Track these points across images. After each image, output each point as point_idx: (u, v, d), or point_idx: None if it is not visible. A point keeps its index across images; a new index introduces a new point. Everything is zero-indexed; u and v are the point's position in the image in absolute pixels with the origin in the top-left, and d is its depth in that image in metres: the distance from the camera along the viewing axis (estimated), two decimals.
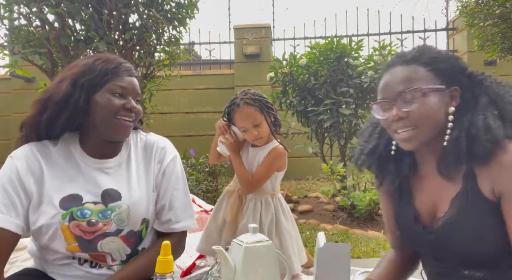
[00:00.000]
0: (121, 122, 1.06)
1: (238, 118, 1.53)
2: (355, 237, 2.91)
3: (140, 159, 1.18)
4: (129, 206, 1.09)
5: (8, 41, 3.44)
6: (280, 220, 1.59)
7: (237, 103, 1.52)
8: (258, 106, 1.51)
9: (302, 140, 4.43)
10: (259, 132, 1.53)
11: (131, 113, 1.08)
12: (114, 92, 1.07)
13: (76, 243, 1.05)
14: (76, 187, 1.07)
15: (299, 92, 4.22)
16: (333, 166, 3.62)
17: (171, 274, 0.79)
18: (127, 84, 1.09)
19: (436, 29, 6.77)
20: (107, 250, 1.09)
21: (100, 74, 1.07)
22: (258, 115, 1.52)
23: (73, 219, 1.03)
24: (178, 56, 4.06)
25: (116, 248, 1.10)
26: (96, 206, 1.07)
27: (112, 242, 1.08)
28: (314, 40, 6.03)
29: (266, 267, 1.05)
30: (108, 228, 1.07)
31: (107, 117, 1.05)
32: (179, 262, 1.77)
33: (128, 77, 1.11)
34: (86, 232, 1.05)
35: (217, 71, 6.99)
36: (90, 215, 1.05)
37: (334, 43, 3.92)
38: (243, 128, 1.54)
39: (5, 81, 6.72)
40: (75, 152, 1.10)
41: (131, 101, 1.08)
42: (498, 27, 4.20)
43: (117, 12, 3.13)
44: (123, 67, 1.11)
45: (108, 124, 1.06)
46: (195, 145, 5.40)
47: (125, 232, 1.10)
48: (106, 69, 1.08)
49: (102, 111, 1.05)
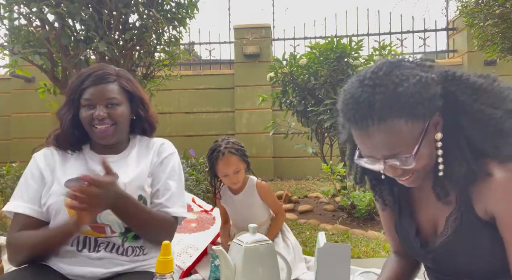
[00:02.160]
0: (97, 130, 1.21)
1: (222, 165, 1.70)
2: (355, 237, 2.91)
3: (141, 153, 1.33)
4: (125, 183, 1.21)
5: (8, 41, 3.44)
6: (287, 235, 1.84)
7: (222, 151, 1.69)
8: (240, 155, 1.71)
9: (302, 140, 4.43)
10: (237, 177, 1.73)
11: (101, 120, 1.20)
12: (84, 105, 1.23)
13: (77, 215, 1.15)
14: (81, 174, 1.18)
15: (299, 92, 4.22)
16: (333, 166, 3.62)
17: (171, 274, 0.79)
18: (90, 95, 1.22)
19: (436, 29, 6.76)
20: (106, 222, 1.19)
21: (73, 93, 1.24)
22: (239, 163, 1.72)
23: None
24: (178, 56, 4.06)
25: (114, 220, 1.18)
26: None
27: (110, 215, 1.17)
28: (314, 40, 6.04)
29: (266, 267, 1.05)
30: None
31: (87, 127, 1.23)
32: (179, 262, 1.77)
33: (93, 87, 1.22)
34: None
35: (217, 71, 6.99)
36: None
37: (334, 43, 3.92)
38: (225, 174, 1.72)
39: (5, 81, 6.71)
40: (85, 153, 1.29)
41: (97, 109, 1.20)
42: (498, 27, 4.20)
43: (117, 12, 3.13)
44: (90, 77, 1.23)
45: (90, 133, 1.24)
46: (195, 145, 5.40)
47: None
48: (76, 86, 1.24)
49: (83, 122, 1.23)
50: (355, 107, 0.81)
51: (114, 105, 1.23)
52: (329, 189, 3.71)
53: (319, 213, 3.75)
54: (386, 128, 0.78)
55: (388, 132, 0.79)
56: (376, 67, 0.84)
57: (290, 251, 1.78)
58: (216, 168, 1.73)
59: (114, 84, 1.25)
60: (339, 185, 3.83)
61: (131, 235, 1.23)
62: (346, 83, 0.92)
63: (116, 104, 1.23)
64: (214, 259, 1.65)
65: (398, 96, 0.77)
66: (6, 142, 6.55)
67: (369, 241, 2.79)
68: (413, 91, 0.77)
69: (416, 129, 0.80)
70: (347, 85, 0.88)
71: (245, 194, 1.79)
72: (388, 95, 0.78)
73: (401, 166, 0.83)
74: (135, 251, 1.23)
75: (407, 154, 0.80)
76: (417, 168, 0.83)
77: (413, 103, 0.77)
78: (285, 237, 1.87)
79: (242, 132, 6.43)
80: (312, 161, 5.38)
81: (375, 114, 0.78)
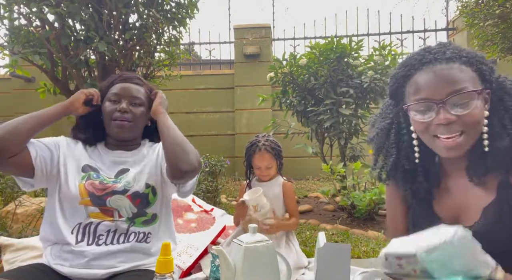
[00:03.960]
0: (116, 123, 1.31)
1: (257, 159, 1.90)
2: (355, 237, 2.91)
3: (149, 151, 1.42)
4: (134, 173, 1.32)
5: (8, 41, 3.44)
6: (289, 237, 1.91)
7: (260, 147, 1.88)
8: (274, 154, 1.90)
9: (302, 140, 4.43)
10: (268, 172, 1.93)
11: (123, 114, 1.31)
12: (111, 99, 1.34)
13: (89, 198, 1.24)
14: (96, 165, 1.33)
15: (299, 92, 4.21)
16: (333, 166, 3.62)
17: (171, 274, 0.79)
18: (117, 90, 1.34)
19: (436, 29, 6.76)
20: (115, 206, 1.26)
21: (103, 88, 1.38)
22: (272, 161, 1.91)
23: (89, 179, 1.27)
24: (178, 56, 4.06)
25: (123, 205, 1.27)
26: (109, 178, 1.31)
27: (119, 200, 1.26)
28: (314, 40, 6.05)
29: (266, 267, 1.05)
30: (116, 187, 1.27)
31: (107, 120, 1.33)
32: (179, 262, 1.76)
33: (122, 83, 1.36)
34: (98, 189, 1.26)
35: (217, 71, 6.99)
36: (103, 179, 1.29)
37: (334, 43, 3.91)
38: (258, 167, 1.91)
39: (5, 81, 6.72)
40: (100, 149, 1.39)
41: (122, 103, 1.32)
42: (498, 27, 4.20)
43: (117, 12, 3.13)
44: (120, 77, 1.38)
45: (108, 126, 1.34)
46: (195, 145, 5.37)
47: (131, 192, 1.28)
48: (107, 82, 1.39)
49: (104, 115, 1.34)
50: (423, 54, 0.88)
51: (137, 105, 1.35)
52: (329, 189, 3.71)
53: (319, 213, 3.75)
54: (454, 67, 0.84)
55: (457, 70, 0.84)
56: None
57: (292, 256, 1.79)
58: (252, 160, 1.92)
59: (140, 87, 1.39)
60: (339, 185, 3.82)
61: (140, 220, 1.28)
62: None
63: (138, 104, 1.35)
64: (214, 259, 1.65)
65: (468, 51, 0.86)
66: None
67: (369, 241, 2.79)
68: (479, 55, 0.87)
69: (477, 81, 0.84)
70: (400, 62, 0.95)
71: (270, 184, 1.95)
72: (458, 49, 0.87)
73: (460, 108, 0.82)
74: (137, 236, 1.26)
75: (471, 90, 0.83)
76: (470, 121, 0.83)
77: (479, 62, 0.85)
78: (289, 240, 1.88)
79: (242, 132, 6.43)
80: (312, 161, 5.38)
81: (446, 56, 0.85)
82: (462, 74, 0.83)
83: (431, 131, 0.86)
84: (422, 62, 0.87)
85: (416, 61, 0.88)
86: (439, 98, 0.83)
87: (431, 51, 0.88)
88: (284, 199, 1.94)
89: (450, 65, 0.84)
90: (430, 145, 0.90)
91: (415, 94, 0.88)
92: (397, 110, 0.97)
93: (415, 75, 0.88)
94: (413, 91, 0.88)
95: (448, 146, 0.85)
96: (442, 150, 0.87)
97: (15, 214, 2.55)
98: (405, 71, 0.90)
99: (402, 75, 0.90)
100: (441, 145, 0.86)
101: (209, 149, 5.50)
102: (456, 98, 0.82)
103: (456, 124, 0.83)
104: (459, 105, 0.83)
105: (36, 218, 2.50)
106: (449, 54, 0.85)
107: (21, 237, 2.08)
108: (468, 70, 0.84)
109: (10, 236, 2.08)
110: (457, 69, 0.83)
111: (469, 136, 0.84)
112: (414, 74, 0.88)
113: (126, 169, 1.35)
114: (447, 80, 0.83)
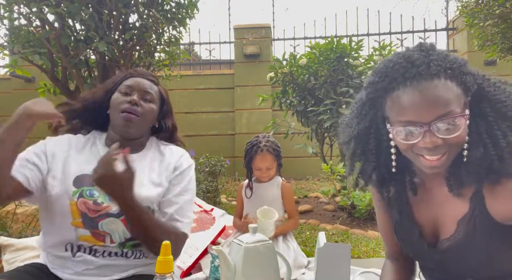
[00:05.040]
0: (123, 115, 1.21)
1: (258, 160, 1.91)
2: (355, 237, 2.91)
3: (157, 162, 1.29)
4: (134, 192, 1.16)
5: (8, 41, 3.44)
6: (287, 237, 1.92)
7: (261, 148, 1.90)
8: (275, 155, 1.92)
9: (302, 140, 4.43)
10: (268, 173, 1.94)
11: (133, 106, 1.21)
12: (122, 91, 1.26)
13: (81, 219, 1.14)
14: (91, 170, 1.13)
15: (299, 92, 4.21)
16: (333, 166, 3.62)
17: (171, 274, 0.79)
18: (132, 83, 1.27)
19: (436, 29, 6.76)
20: (108, 230, 1.16)
21: (116, 80, 1.30)
22: (273, 162, 1.93)
23: (81, 197, 1.14)
24: (178, 56, 4.06)
25: (116, 229, 1.16)
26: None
27: (113, 223, 1.16)
28: (314, 40, 6.04)
29: (266, 267, 1.04)
30: (111, 209, 1.15)
31: (114, 111, 1.23)
32: (179, 262, 1.77)
33: (136, 78, 1.29)
34: (91, 210, 1.15)
35: (217, 71, 6.99)
36: (98, 196, 1.16)
37: (334, 43, 3.91)
38: (258, 168, 1.92)
39: (5, 81, 6.71)
40: (99, 145, 1.28)
41: (134, 96, 1.23)
42: (498, 27, 4.20)
43: (117, 12, 3.13)
44: (136, 71, 1.33)
45: (115, 118, 1.23)
46: (195, 145, 5.39)
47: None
48: (118, 77, 1.31)
49: (112, 106, 1.24)
50: (405, 66, 0.81)
51: (148, 101, 1.27)
52: (329, 189, 3.71)
53: (319, 213, 3.74)
54: (440, 84, 0.78)
55: (443, 88, 0.78)
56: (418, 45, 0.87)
57: (291, 255, 1.79)
58: (253, 161, 1.93)
59: (154, 85, 1.32)
60: (339, 185, 3.82)
61: (130, 244, 1.19)
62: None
63: (149, 101, 1.28)
64: (214, 259, 1.65)
65: (451, 61, 0.81)
66: None
67: (369, 241, 2.79)
68: (461, 62, 0.82)
69: (462, 98, 0.81)
70: (379, 64, 0.89)
71: (269, 185, 1.97)
72: (442, 58, 0.80)
73: (446, 132, 0.79)
74: (134, 254, 1.20)
75: (458, 114, 0.79)
76: (456, 142, 0.80)
77: (462, 72, 0.81)
78: (287, 240, 1.88)
79: (242, 132, 6.43)
80: (312, 161, 5.38)
81: (430, 71, 0.79)
82: (447, 93, 0.78)
83: (415, 150, 0.83)
84: (405, 77, 0.80)
85: (399, 74, 0.81)
86: (426, 121, 0.79)
87: (413, 62, 0.80)
88: (283, 200, 1.95)
89: (435, 83, 0.78)
90: (413, 160, 0.87)
91: (399, 115, 0.82)
92: (374, 114, 0.91)
93: (397, 90, 0.82)
94: (396, 111, 0.83)
95: (432, 166, 0.82)
96: (426, 168, 0.84)
97: (15, 214, 2.56)
98: (385, 83, 0.84)
99: (383, 87, 0.84)
100: (425, 164, 0.83)
101: (209, 149, 5.50)
102: (443, 122, 0.79)
103: (442, 147, 0.80)
104: (445, 128, 0.79)
105: (36, 218, 2.50)
106: (434, 67, 0.79)
107: (21, 237, 2.08)
108: (453, 86, 0.79)
109: (10, 236, 2.08)
110: (442, 88, 0.78)
111: (452, 154, 0.82)
112: (396, 88, 0.82)
113: None
114: (433, 101, 0.78)
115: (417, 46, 0.85)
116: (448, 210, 0.90)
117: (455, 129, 0.79)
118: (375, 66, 1.11)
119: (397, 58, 0.84)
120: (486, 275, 0.88)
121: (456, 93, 0.79)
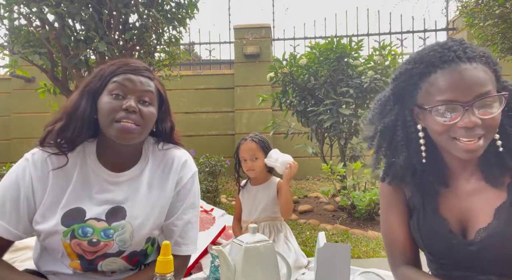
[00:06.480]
0: (120, 126, 0.98)
1: (242, 149, 1.92)
2: (355, 237, 2.91)
3: (157, 174, 1.13)
4: (133, 226, 1.04)
5: (8, 41, 3.44)
6: (288, 237, 1.91)
7: (245, 138, 1.93)
8: (260, 145, 1.91)
9: (302, 140, 4.43)
10: (254, 164, 1.90)
11: (130, 114, 0.99)
12: (112, 91, 1.01)
13: (78, 261, 1.03)
14: (81, 201, 1.02)
15: (299, 92, 4.22)
16: (333, 166, 3.62)
17: (171, 274, 0.79)
18: (124, 81, 1.01)
19: (436, 29, 6.76)
20: (108, 270, 1.07)
21: (102, 77, 1.04)
22: (257, 151, 1.90)
23: (74, 237, 0.99)
24: (178, 56, 4.06)
25: (117, 267, 1.07)
26: (99, 223, 1.02)
27: (113, 263, 1.05)
28: (314, 40, 6.05)
29: (266, 267, 1.04)
30: (109, 249, 1.03)
31: (105, 121, 1.00)
32: None
33: (129, 75, 1.03)
34: (87, 251, 1.01)
35: (217, 71, 6.99)
36: (92, 233, 1.01)
37: (334, 43, 3.92)
38: (244, 158, 1.92)
39: (5, 81, 6.71)
40: (90, 163, 1.06)
41: (130, 100, 1.00)
42: (498, 27, 4.20)
43: (117, 12, 3.13)
44: (128, 66, 1.04)
45: (110, 127, 1.00)
46: (195, 145, 5.40)
47: (127, 253, 1.06)
48: (107, 71, 1.04)
49: (102, 114, 1.00)
50: (442, 51, 0.84)
51: (147, 104, 1.04)
52: (329, 189, 3.71)
53: (319, 213, 3.75)
54: (477, 67, 0.82)
55: (480, 70, 0.82)
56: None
57: (291, 255, 1.79)
58: (239, 152, 1.94)
59: (150, 81, 1.07)
60: (339, 185, 3.83)
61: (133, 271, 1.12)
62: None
63: (148, 103, 1.04)
64: (214, 259, 1.65)
65: (483, 50, 0.85)
66: (6, 142, 6.55)
67: (369, 241, 2.79)
68: (491, 54, 0.86)
69: (494, 85, 0.84)
70: (410, 54, 0.92)
71: (264, 186, 1.96)
72: (474, 47, 0.85)
73: (484, 112, 0.81)
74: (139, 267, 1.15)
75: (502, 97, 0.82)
76: (493, 124, 0.82)
77: (494, 62, 0.85)
78: (287, 240, 1.88)
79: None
80: (312, 161, 5.38)
81: (467, 55, 0.82)
82: (486, 75, 0.82)
83: (451, 133, 0.84)
84: (442, 60, 0.83)
85: (436, 58, 0.84)
86: (466, 100, 0.81)
87: (450, 48, 0.84)
88: (279, 199, 1.91)
89: (474, 65, 0.82)
90: (447, 146, 0.87)
91: (438, 95, 0.83)
92: (401, 107, 0.94)
93: (434, 73, 0.84)
94: (435, 93, 0.84)
95: (469, 149, 0.83)
96: (461, 152, 0.84)
97: None
98: (421, 68, 0.86)
99: (418, 72, 0.86)
100: (461, 147, 0.84)
101: (209, 149, 5.50)
102: (481, 101, 0.81)
103: (479, 128, 0.81)
104: (483, 108, 0.81)
105: None
106: (470, 52, 0.83)
107: None
108: (488, 71, 0.83)
109: None
110: (481, 70, 0.82)
111: (487, 139, 0.84)
112: (434, 72, 0.84)
113: (118, 208, 1.05)
114: (474, 81, 0.80)
115: (447, 39, 0.90)
116: (482, 199, 0.90)
117: (492, 109, 0.82)
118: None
119: (431, 46, 0.88)
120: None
121: (491, 77, 0.83)
